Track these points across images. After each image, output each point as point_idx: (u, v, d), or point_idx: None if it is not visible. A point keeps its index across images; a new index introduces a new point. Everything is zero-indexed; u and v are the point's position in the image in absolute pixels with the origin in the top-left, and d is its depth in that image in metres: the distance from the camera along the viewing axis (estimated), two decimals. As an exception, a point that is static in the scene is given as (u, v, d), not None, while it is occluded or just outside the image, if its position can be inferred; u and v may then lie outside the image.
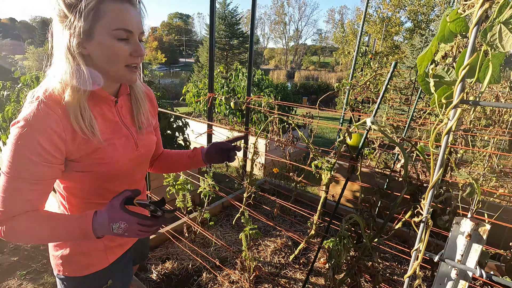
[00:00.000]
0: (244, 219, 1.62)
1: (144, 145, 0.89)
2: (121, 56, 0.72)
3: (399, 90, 4.69)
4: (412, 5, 15.75)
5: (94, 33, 0.69)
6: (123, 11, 0.70)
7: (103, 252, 0.89)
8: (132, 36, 0.72)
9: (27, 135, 0.65)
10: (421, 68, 0.48)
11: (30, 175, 0.67)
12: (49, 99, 0.69)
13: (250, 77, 2.36)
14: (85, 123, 0.71)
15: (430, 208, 0.46)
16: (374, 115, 1.17)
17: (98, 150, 0.75)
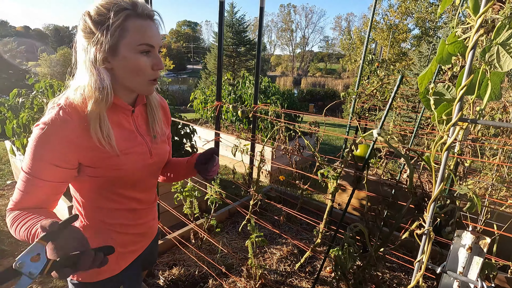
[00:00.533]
0: (250, 226, 1.63)
1: (158, 154, 0.92)
2: (143, 70, 0.76)
3: (406, 97, 4.67)
4: (419, 12, 15.72)
5: (119, 49, 0.73)
6: (146, 27, 0.74)
7: (115, 258, 0.91)
8: (153, 50, 0.77)
9: (44, 138, 0.70)
10: (422, 86, 0.50)
11: (43, 175, 0.72)
12: (69, 107, 0.74)
13: (257, 85, 2.40)
14: (103, 134, 0.75)
15: (432, 221, 0.47)
16: (380, 126, 1.18)
17: (112, 157, 0.79)
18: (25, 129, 2.76)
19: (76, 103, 0.75)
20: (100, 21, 0.71)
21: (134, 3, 0.73)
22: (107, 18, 0.71)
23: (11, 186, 3.69)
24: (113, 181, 0.82)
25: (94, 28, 0.72)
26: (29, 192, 0.73)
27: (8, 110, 2.97)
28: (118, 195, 0.86)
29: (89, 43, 0.73)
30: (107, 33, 0.71)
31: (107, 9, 0.71)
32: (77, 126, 0.73)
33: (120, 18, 0.71)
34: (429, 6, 15.42)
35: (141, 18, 0.74)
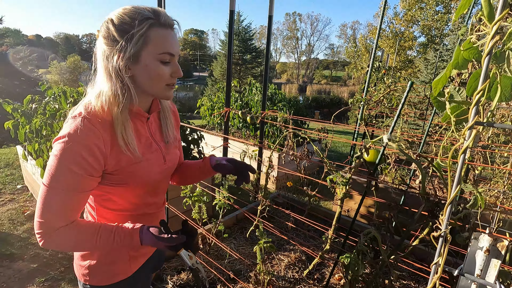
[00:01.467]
0: (259, 232, 1.63)
1: (171, 159, 0.95)
2: (163, 77, 0.78)
3: (414, 105, 4.66)
4: (425, 20, 15.75)
5: (141, 57, 0.75)
6: (167, 36, 0.76)
7: (128, 261, 0.93)
8: (173, 58, 0.79)
9: (71, 149, 0.70)
10: (436, 91, 0.51)
11: (72, 186, 0.72)
12: (91, 115, 0.74)
13: (265, 92, 2.42)
14: (128, 140, 0.78)
15: (448, 223, 0.48)
16: (390, 132, 1.19)
17: (133, 164, 0.81)
18: (37, 134, 2.83)
19: (98, 110, 0.76)
20: (124, 29, 0.73)
21: (157, 12, 0.75)
22: (131, 26, 0.72)
23: (21, 190, 3.75)
24: (128, 187, 0.84)
25: (118, 36, 0.73)
26: (61, 207, 0.73)
27: (21, 116, 3.04)
28: (130, 200, 0.88)
29: (112, 50, 0.74)
30: (131, 41, 0.72)
31: (131, 18, 0.73)
32: (102, 133, 0.74)
33: (144, 27, 0.72)
34: (435, 14, 15.46)
35: (163, 27, 0.75)
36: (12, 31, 32.16)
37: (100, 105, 0.76)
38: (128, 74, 0.76)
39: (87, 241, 0.76)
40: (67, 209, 0.74)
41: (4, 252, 2.54)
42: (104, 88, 0.77)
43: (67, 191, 0.72)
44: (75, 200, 0.74)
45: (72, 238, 0.75)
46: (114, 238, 0.77)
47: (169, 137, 0.94)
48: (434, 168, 1.29)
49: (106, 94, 0.76)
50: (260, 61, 17.95)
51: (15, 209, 3.25)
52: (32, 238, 2.78)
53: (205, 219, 2.05)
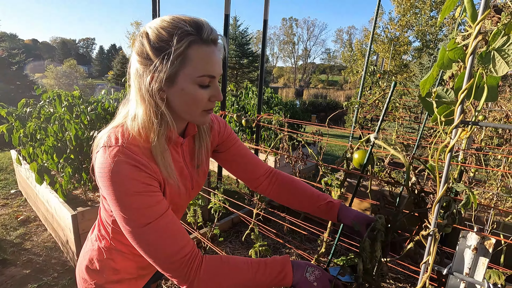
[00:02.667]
0: (254, 235, 1.63)
1: (198, 185, 0.86)
2: (201, 102, 0.68)
3: (409, 108, 4.70)
4: (419, 25, 15.98)
5: (177, 79, 0.65)
6: (209, 55, 0.65)
7: (134, 280, 0.89)
8: (214, 80, 0.69)
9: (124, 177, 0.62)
10: (424, 91, 0.52)
11: (154, 211, 0.63)
12: (131, 144, 0.66)
13: (261, 95, 2.43)
14: (168, 167, 0.70)
15: (437, 222, 0.48)
16: (377, 131, 1.20)
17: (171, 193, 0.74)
18: (32, 138, 2.81)
19: (135, 135, 0.67)
20: (160, 48, 0.63)
21: (199, 26, 0.64)
22: (168, 44, 0.62)
23: (15, 195, 3.71)
24: None
25: (152, 54, 0.63)
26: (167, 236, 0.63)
27: (15, 120, 3.02)
28: None
29: (145, 70, 0.65)
30: (167, 61, 0.62)
31: (169, 34, 0.62)
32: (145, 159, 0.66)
33: (183, 45, 0.62)
34: (429, 19, 15.70)
35: (206, 44, 0.64)
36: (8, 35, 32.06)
37: (137, 129, 0.67)
38: (163, 96, 0.67)
39: (243, 273, 0.66)
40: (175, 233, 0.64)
41: (-4, 258, 2.51)
42: (139, 111, 0.67)
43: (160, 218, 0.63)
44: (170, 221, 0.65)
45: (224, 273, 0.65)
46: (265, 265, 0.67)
47: (201, 161, 0.84)
48: (428, 170, 1.30)
49: (141, 118, 0.66)
50: (257, 65, 18.06)
51: (8, 214, 3.21)
52: (25, 244, 2.74)
53: (200, 223, 2.04)
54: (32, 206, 3.39)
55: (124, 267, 0.85)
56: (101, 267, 0.83)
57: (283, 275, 0.67)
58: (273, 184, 0.97)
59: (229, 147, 0.93)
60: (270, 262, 0.68)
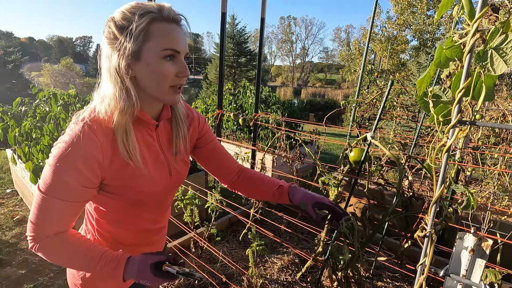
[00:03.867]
0: (251, 235, 1.62)
1: (177, 173, 0.87)
2: (167, 77, 0.71)
3: (406, 107, 4.71)
4: (417, 24, 16.00)
5: (142, 54, 0.69)
6: (171, 31, 0.70)
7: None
8: (178, 56, 0.72)
9: (67, 159, 0.66)
10: (421, 90, 0.51)
11: (64, 196, 0.68)
12: (94, 122, 0.69)
13: (258, 94, 2.42)
14: (129, 147, 0.71)
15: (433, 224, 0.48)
16: (374, 129, 1.20)
17: (134, 177, 0.75)
18: (27, 137, 2.78)
19: (102, 116, 0.71)
20: (124, 25, 0.67)
21: (160, 6, 0.70)
22: (131, 21, 0.67)
23: (11, 194, 3.68)
24: (132, 202, 0.79)
25: (117, 33, 0.68)
26: (53, 215, 0.70)
27: (11, 119, 2.99)
28: (134, 215, 0.83)
29: (112, 49, 0.69)
30: (131, 37, 0.67)
31: (132, 13, 0.67)
32: (103, 143, 0.69)
33: (144, 21, 0.67)
34: (427, 18, 15.73)
35: (167, 22, 0.69)
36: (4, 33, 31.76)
37: (104, 110, 0.71)
38: (129, 74, 0.70)
39: (78, 259, 0.73)
40: (60, 217, 0.71)
41: (-9, 258, 2.48)
42: (107, 91, 0.71)
43: (61, 200, 0.69)
44: (69, 209, 0.71)
45: (61, 249, 0.72)
46: (99, 260, 0.72)
47: (178, 148, 0.86)
48: (425, 169, 1.30)
49: (108, 98, 0.70)
50: (255, 64, 18.01)
51: (3, 214, 3.18)
52: (21, 244, 2.72)
53: (197, 222, 2.03)
54: (28, 205, 3.36)
55: None
56: None
57: (112, 274, 0.72)
58: (241, 180, 1.01)
59: (207, 142, 0.96)
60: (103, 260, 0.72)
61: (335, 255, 0.73)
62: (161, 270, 0.73)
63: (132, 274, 0.71)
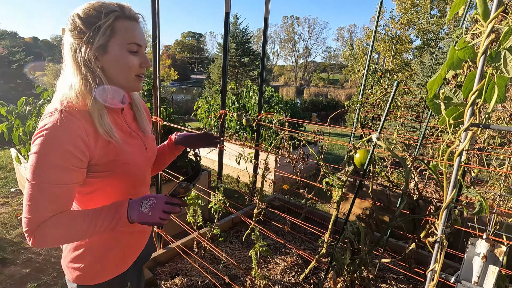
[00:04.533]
0: (254, 235, 1.61)
1: (151, 148, 0.98)
2: (132, 67, 0.81)
3: (410, 107, 4.67)
4: (421, 24, 15.89)
5: (109, 47, 0.77)
6: (134, 28, 0.80)
7: (122, 258, 0.94)
8: (140, 49, 0.82)
9: (53, 142, 0.70)
10: (432, 92, 0.50)
11: (55, 179, 0.71)
12: (69, 107, 0.74)
13: (261, 95, 2.41)
14: (107, 128, 0.79)
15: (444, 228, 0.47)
16: (379, 131, 1.18)
17: (118, 152, 0.82)
18: (32, 137, 2.79)
19: (75, 102, 0.76)
20: (91, 22, 0.75)
21: (121, 6, 0.78)
22: (97, 18, 0.75)
23: (15, 193, 3.70)
24: (119, 178, 0.85)
25: (85, 28, 0.75)
26: (47, 201, 0.71)
27: (15, 118, 3.00)
28: (120, 193, 0.88)
29: (79, 42, 0.76)
30: (98, 32, 0.75)
31: (97, 11, 0.75)
32: (83, 122, 0.75)
33: (110, 19, 0.75)
34: (430, 18, 15.61)
35: (129, 20, 0.79)
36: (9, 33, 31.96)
37: (74, 95, 0.76)
38: (97, 65, 0.78)
39: (78, 224, 0.74)
40: (56, 204, 0.72)
41: (-5, 257, 2.50)
42: (75, 80, 0.77)
43: (54, 185, 0.70)
44: (63, 193, 0.73)
45: (63, 226, 0.73)
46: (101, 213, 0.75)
47: (144, 127, 0.97)
48: (430, 170, 1.28)
49: (77, 85, 0.76)
50: (257, 63, 17.98)
51: (8, 213, 3.20)
52: (25, 243, 2.73)
53: (200, 223, 2.03)
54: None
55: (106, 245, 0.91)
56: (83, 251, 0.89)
57: (117, 218, 0.75)
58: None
59: None
60: (105, 210, 0.76)
61: (340, 260, 0.72)
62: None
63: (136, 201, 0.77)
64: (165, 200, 0.77)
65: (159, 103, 1.76)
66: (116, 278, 0.93)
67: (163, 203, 0.77)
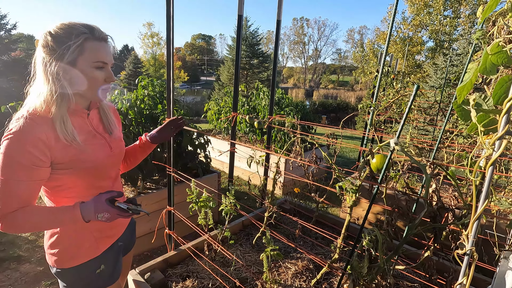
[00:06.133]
0: (266, 239, 1.60)
1: (116, 147, 1.09)
2: (97, 82, 0.92)
3: (423, 110, 4.57)
4: (433, 24, 15.60)
5: (77, 63, 0.88)
6: (101, 48, 0.91)
7: (94, 243, 1.05)
8: (106, 66, 0.93)
9: (17, 144, 0.81)
10: (461, 98, 0.48)
11: (19, 176, 0.83)
12: (33, 115, 0.86)
13: (273, 97, 2.40)
14: (68, 133, 0.89)
15: (474, 241, 0.44)
16: (398, 136, 1.15)
17: (78, 153, 0.93)
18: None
19: (39, 109, 0.87)
20: (62, 41, 0.85)
21: (91, 28, 0.89)
22: (68, 39, 0.85)
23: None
24: (83, 174, 0.95)
25: (56, 46, 0.85)
26: (13, 194, 0.83)
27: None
28: (87, 188, 1.00)
29: (51, 57, 0.86)
30: (68, 50, 0.85)
31: (69, 32, 0.86)
32: (44, 127, 0.85)
33: (80, 39, 0.86)
34: (443, 19, 15.31)
35: (97, 40, 0.90)
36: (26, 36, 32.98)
37: (39, 104, 0.87)
38: (65, 77, 0.88)
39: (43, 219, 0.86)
40: (19, 195, 0.84)
41: (11, 255, 2.56)
42: (43, 90, 0.87)
43: (19, 181, 0.83)
44: (27, 188, 0.85)
45: (29, 219, 0.85)
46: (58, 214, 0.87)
47: (111, 129, 1.09)
48: (449, 176, 1.24)
49: (45, 95, 0.87)
50: (267, 65, 18.00)
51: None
52: (39, 241, 2.79)
53: (211, 225, 2.03)
54: (45, 203, 3.45)
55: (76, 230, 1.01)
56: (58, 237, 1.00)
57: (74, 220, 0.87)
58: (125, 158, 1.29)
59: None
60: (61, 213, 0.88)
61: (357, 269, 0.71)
62: (113, 205, 0.90)
63: (89, 210, 0.87)
64: (117, 213, 0.89)
65: (172, 106, 1.77)
66: (91, 261, 1.03)
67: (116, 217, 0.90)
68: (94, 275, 1.05)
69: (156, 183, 2.97)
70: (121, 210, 0.89)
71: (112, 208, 0.88)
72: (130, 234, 1.30)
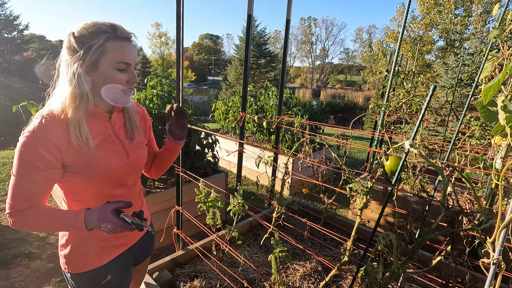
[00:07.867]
0: (274, 240, 1.58)
1: (135, 155, 1.03)
2: (119, 83, 0.89)
3: (434, 110, 4.48)
4: (444, 23, 15.32)
5: (99, 65, 0.85)
6: (124, 48, 0.87)
7: (100, 252, 1.02)
8: (129, 67, 0.90)
9: (29, 144, 0.82)
10: (487, 98, 0.46)
11: (30, 175, 0.83)
12: (51, 116, 0.85)
13: (282, 97, 2.38)
14: (81, 138, 0.87)
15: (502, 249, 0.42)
16: (413, 137, 1.12)
17: (90, 158, 0.90)
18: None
19: (56, 112, 0.86)
20: (83, 41, 0.83)
21: (114, 27, 0.86)
22: (90, 39, 0.83)
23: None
24: (94, 179, 0.93)
25: (77, 47, 0.84)
26: (24, 193, 0.84)
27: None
28: (101, 194, 0.97)
29: (72, 59, 0.84)
30: (89, 51, 0.83)
31: (90, 32, 0.83)
32: (57, 130, 0.84)
33: (101, 39, 0.83)
34: (454, 18, 15.01)
35: (120, 40, 0.86)
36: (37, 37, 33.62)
37: (60, 107, 0.86)
38: (87, 80, 0.86)
39: (50, 219, 0.86)
40: (30, 194, 0.85)
41: (23, 251, 2.60)
42: (65, 92, 0.87)
43: (30, 180, 0.83)
44: (37, 188, 0.85)
45: (35, 218, 0.86)
46: (65, 215, 0.86)
47: (133, 135, 1.04)
48: (464, 179, 1.20)
49: (65, 97, 0.86)
50: (274, 65, 17.96)
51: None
52: (50, 238, 2.84)
53: (219, 225, 2.02)
54: (56, 200, 3.51)
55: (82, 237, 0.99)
56: (66, 240, 0.99)
57: (78, 226, 0.85)
58: (154, 163, 1.25)
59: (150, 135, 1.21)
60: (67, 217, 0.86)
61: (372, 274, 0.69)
62: (119, 216, 0.86)
63: (93, 219, 0.84)
64: (121, 225, 0.85)
65: (182, 104, 1.77)
66: (96, 270, 1.01)
67: (120, 229, 0.85)
68: (99, 285, 1.02)
69: (164, 182, 2.99)
70: (125, 223, 0.85)
71: (116, 219, 0.84)
72: (148, 241, 1.24)
